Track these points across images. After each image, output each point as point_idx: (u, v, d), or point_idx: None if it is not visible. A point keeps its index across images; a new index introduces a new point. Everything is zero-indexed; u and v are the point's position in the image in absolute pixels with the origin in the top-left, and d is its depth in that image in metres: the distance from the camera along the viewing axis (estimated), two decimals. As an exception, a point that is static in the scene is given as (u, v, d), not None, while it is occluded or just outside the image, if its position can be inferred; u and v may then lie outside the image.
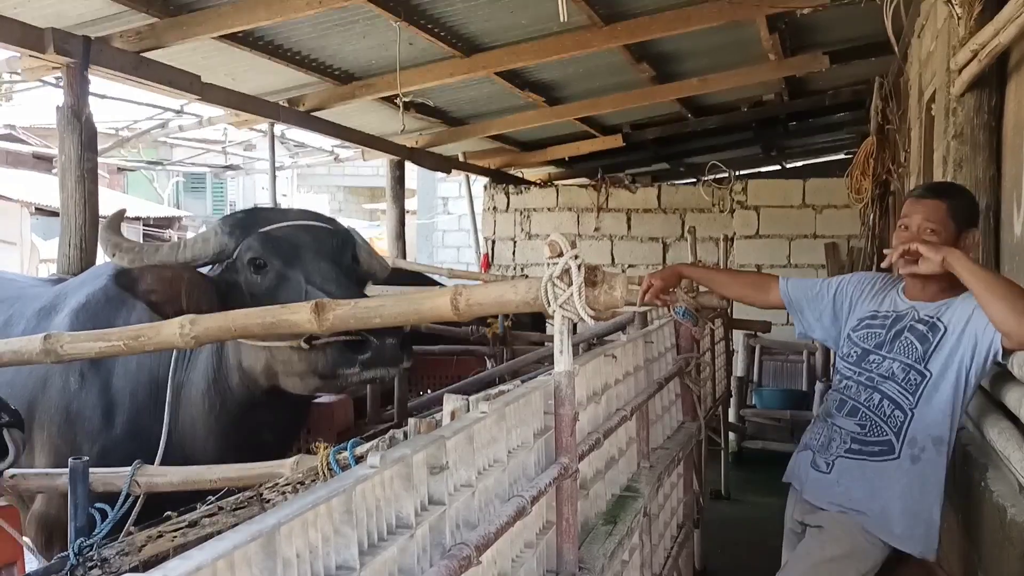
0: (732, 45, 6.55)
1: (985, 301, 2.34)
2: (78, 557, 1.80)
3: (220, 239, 2.60)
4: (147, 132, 9.51)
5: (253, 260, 2.55)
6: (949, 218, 2.56)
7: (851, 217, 8.76)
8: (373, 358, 2.34)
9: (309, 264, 2.56)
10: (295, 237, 2.61)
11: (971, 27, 3.24)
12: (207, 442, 2.64)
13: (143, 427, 2.68)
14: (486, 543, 1.27)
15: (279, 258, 2.56)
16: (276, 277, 2.54)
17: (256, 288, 2.55)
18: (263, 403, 2.63)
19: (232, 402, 2.63)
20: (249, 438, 2.67)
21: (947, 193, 2.66)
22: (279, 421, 2.74)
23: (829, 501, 2.63)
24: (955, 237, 2.55)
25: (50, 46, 4.09)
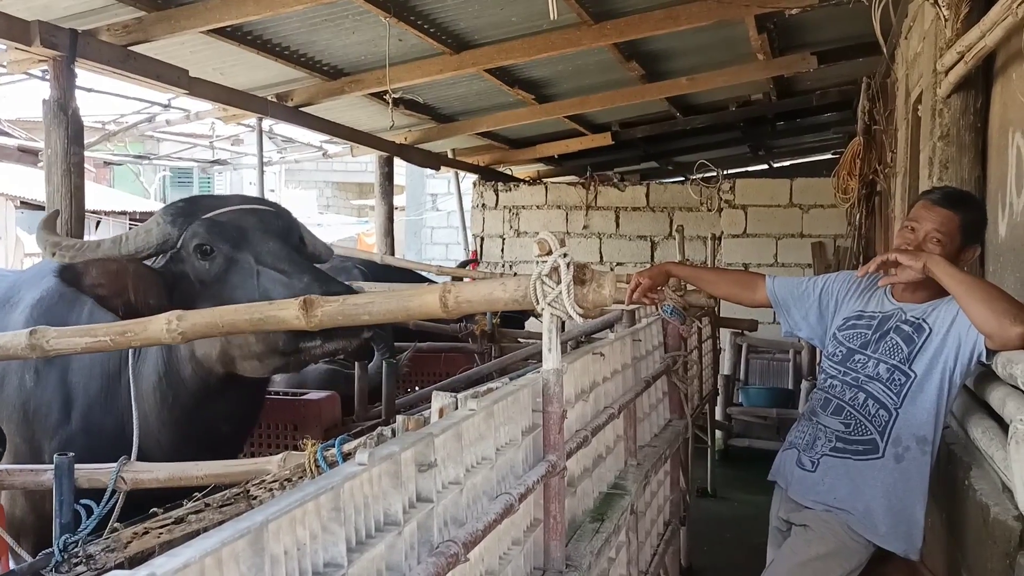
0: (721, 44, 6.57)
1: (966, 304, 2.36)
2: (63, 553, 1.79)
3: (163, 229, 2.55)
4: (134, 126, 9.45)
5: (199, 247, 2.50)
6: (959, 231, 2.55)
7: (838, 217, 8.81)
8: (334, 329, 2.29)
9: (258, 245, 2.52)
10: (240, 220, 2.57)
11: (958, 29, 3.26)
12: (160, 435, 2.58)
13: (95, 422, 2.65)
14: (474, 540, 1.27)
15: (226, 242, 2.51)
16: (225, 261, 2.50)
17: (204, 275, 2.51)
18: (217, 392, 2.58)
19: (185, 394, 2.58)
20: (203, 430, 2.62)
21: (962, 205, 2.62)
22: (234, 412, 2.69)
23: (814, 499, 2.64)
24: (959, 251, 2.56)
25: (36, 39, 4.06)
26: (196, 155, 13.60)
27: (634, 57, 6.51)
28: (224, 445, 2.65)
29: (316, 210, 21.58)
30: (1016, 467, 1.91)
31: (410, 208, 17.05)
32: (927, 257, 2.42)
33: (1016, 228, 3.04)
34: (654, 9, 5.46)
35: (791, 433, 2.87)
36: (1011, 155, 3.09)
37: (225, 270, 2.50)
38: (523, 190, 10.47)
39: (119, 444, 2.47)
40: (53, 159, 4.25)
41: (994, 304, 2.30)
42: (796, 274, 8.83)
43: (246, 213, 2.62)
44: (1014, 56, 3.05)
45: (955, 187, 3.26)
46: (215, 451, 2.42)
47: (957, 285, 2.38)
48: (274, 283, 2.44)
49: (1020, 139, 2.98)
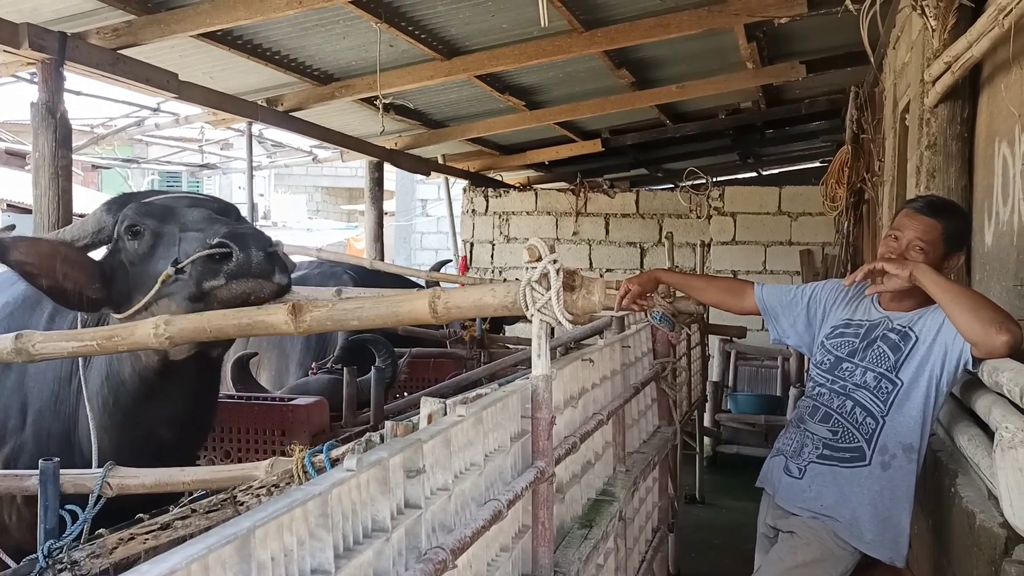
0: (710, 53, 6.61)
1: (952, 312, 2.38)
2: (47, 559, 1.77)
3: (98, 218, 2.56)
4: (123, 130, 9.41)
5: (130, 228, 2.49)
6: (941, 240, 2.56)
7: (826, 224, 8.85)
8: (237, 268, 2.28)
9: (183, 216, 2.50)
10: (172, 202, 2.57)
11: (945, 40, 3.29)
12: (102, 441, 2.54)
13: (44, 427, 2.62)
14: (462, 547, 1.27)
15: (153, 218, 2.49)
16: (152, 237, 2.47)
17: (134, 255, 2.49)
18: (158, 390, 2.54)
19: (125, 395, 2.54)
20: (145, 436, 2.57)
21: (945, 213, 2.64)
22: (176, 414, 2.63)
23: (801, 506, 2.65)
24: (942, 259, 2.57)
25: (25, 41, 4.04)
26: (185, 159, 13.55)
27: (624, 65, 6.53)
28: (169, 453, 2.56)
29: (306, 215, 21.53)
30: (1001, 474, 1.92)
31: (400, 213, 17.04)
32: (913, 266, 2.44)
33: (1002, 237, 3.06)
34: (644, 17, 5.48)
35: (779, 440, 2.88)
36: (997, 164, 3.12)
37: (152, 246, 2.47)
38: (513, 196, 10.48)
39: (66, 450, 2.45)
40: (41, 162, 4.23)
41: (980, 312, 2.32)
42: (785, 281, 8.89)
43: (179, 197, 2.63)
44: (1000, 67, 3.07)
45: (938, 196, 3.28)
46: (160, 459, 2.35)
47: (943, 294, 2.39)
48: (191, 242, 2.40)
49: (1006, 149, 3.01)
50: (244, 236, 2.32)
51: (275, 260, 2.34)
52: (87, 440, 2.56)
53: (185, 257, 2.35)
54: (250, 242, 2.31)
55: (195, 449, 2.88)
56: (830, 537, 2.57)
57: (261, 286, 2.33)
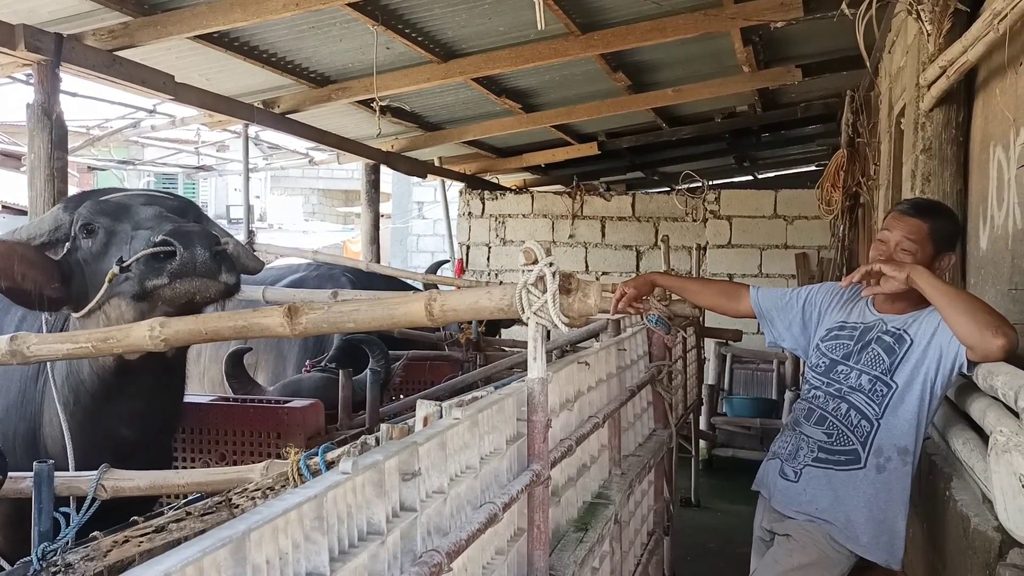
0: (707, 57, 6.62)
1: (949, 315, 2.38)
2: (41, 562, 1.77)
3: (55, 216, 2.53)
4: (119, 131, 9.39)
5: (84, 226, 2.47)
6: (929, 239, 2.57)
7: (821, 228, 8.87)
8: (181, 267, 2.23)
9: (136, 215, 2.46)
10: (127, 200, 2.53)
11: (940, 44, 3.30)
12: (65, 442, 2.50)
13: (10, 427, 2.60)
14: (457, 550, 1.26)
15: (107, 216, 2.46)
16: (106, 235, 2.44)
17: (88, 254, 2.46)
18: (117, 390, 2.51)
19: (85, 395, 2.52)
20: (107, 435, 2.54)
21: (931, 214, 2.66)
22: (137, 414, 2.59)
23: (796, 510, 2.65)
24: (931, 258, 2.57)
25: (21, 43, 4.03)
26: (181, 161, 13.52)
27: (621, 68, 6.54)
28: (135, 453, 2.52)
29: (302, 217, 21.51)
30: (996, 478, 1.92)
31: (396, 216, 17.03)
32: (911, 268, 2.44)
33: (997, 241, 3.07)
34: (641, 21, 5.49)
35: (775, 443, 2.88)
36: (992, 169, 3.13)
37: (105, 244, 2.45)
38: (509, 199, 10.49)
39: (31, 451, 2.44)
40: (36, 164, 4.22)
41: (977, 316, 2.32)
42: (780, 285, 8.90)
43: (135, 195, 2.59)
44: (995, 71, 3.08)
45: (925, 197, 3.29)
46: (126, 460, 2.30)
47: (941, 296, 2.40)
48: (139, 240, 2.36)
49: (1001, 153, 3.02)
50: (189, 234, 2.27)
51: (222, 259, 2.29)
52: (52, 440, 2.55)
53: (132, 255, 2.31)
54: (195, 240, 2.25)
55: (162, 449, 2.82)
56: (826, 540, 2.57)
57: (206, 285, 2.29)
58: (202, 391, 4.11)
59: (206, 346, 4.29)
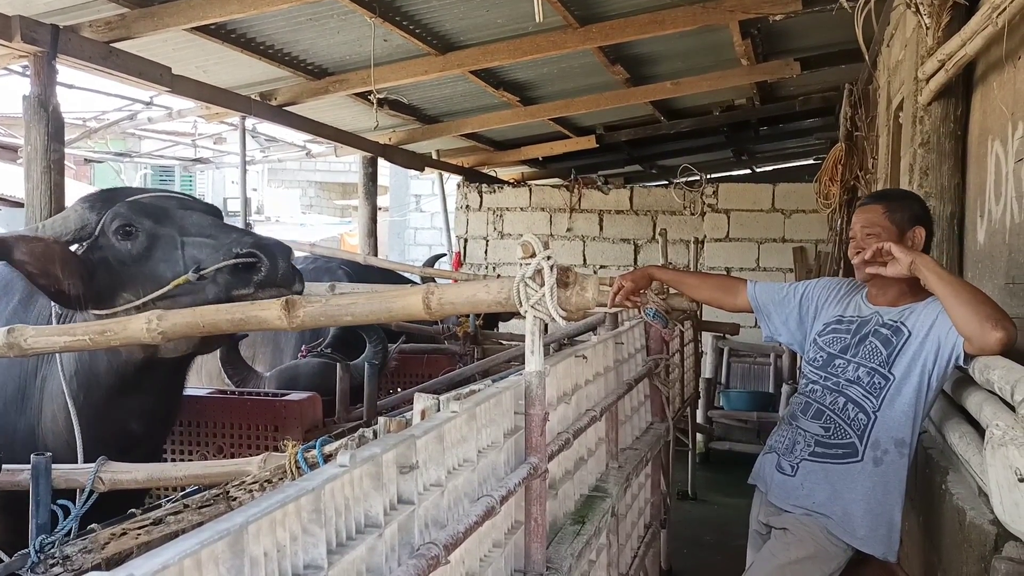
0: (705, 50, 6.61)
1: (950, 305, 2.39)
2: (39, 554, 1.77)
3: (81, 215, 2.56)
4: (115, 123, 9.36)
5: (121, 227, 2.52)
6: (887, 220, 2.63)
7: (819, 222, 8.87)
8: (266, 278, 2.37)
9: (180, 220, 2.54)
10: (162, 201, 2.61)
11: (939, 38, 3.29)
12: (70, 437, 2.53)
13: (8, 422, 2.62)
14: (455, 543, 1.27)
15: (148, 218, 2.52)
16: (148, 238, 2.51)
17: (126, 255, 2.51)
18: (133, 386, 2.57)
19: (98, 390, 2.55)
20: (115, 430, 2.59)
21: (884, 197, 2.79)
22: (148, 408, 2.67)
23: (793, 504, 2.66)
24: (898, 236, 2.61)
25: (17, 34, 4.01)
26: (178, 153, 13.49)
27: (619, 61, 6.53)
28: (137, 447, 2.60)
29: (299, 210, 21.49)
30: (992, 472, 1.93)
31: (394, 209, 17.01)
32: (917, 255, 2.45)
33: (994, 235, 3.07)
34: (639, 13, 5.48)
35: (771, 437, 2.89)
36: (990, 163, 3.13)
37: (148, 246, 2.51)
38: (507, 192, 10.48)
39: (30, 446, 2.44)
40: (33, 156, 4.21)
41: (978, 307, 2.33)
42: (778, 279, 8.92)
43: (166, 197, 2.67)
44: (994, 65, 3.08)
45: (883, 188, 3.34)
46: (127, 454, 2.36)
47: (945, 285, 2.40)
48: (201, 247, 2.47)
49: (999, 147, 3.02)
50: (270, 247, 2.44)
51: (295, 270, 2.46)
52: (53, 434, 2.56)
53: (192, 262, 2.42)
54: (276, 253, 2.42)
55: (161, 442, 2.90)
56: (823, 534, 2.58)
57: (283, 294, 2.41)
58: (199, 384, 4.11)
59: (203, 340, 4.28)
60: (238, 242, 2.45)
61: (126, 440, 2.59)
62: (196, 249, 2.47)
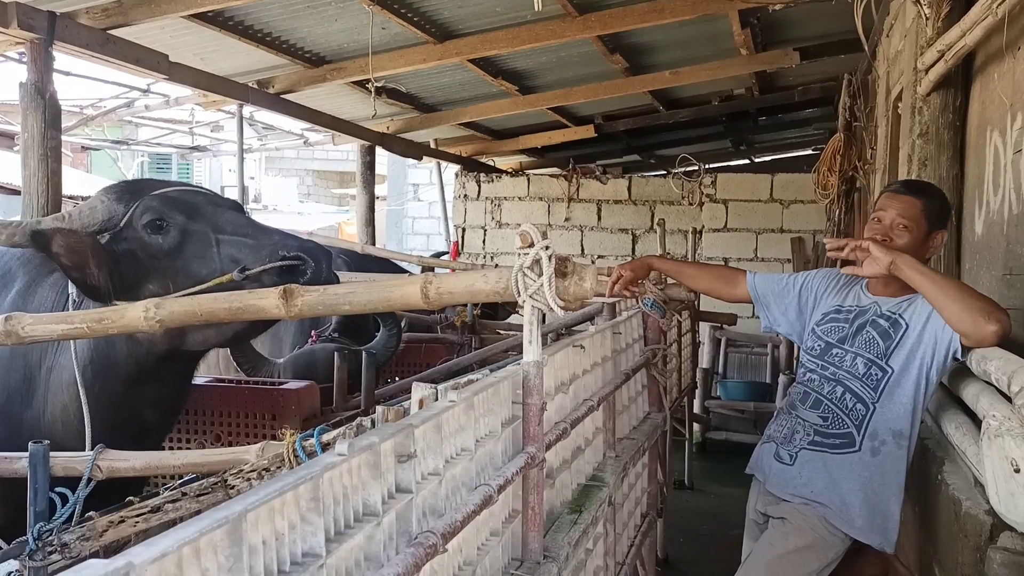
0: (704, 39, 6.59)
1: (938, 304, 2.38)
2: (37, 542, 1.77)
3: (108, 206, 2.56)
4: (112, 111, 9.33)
5: (152, 221, 2.53)
6: (923, 217, 2.59)
7: (817, 212, 8.87)
8: (311, 280, 2.41)
9: (213, 217, 2.58)
10: (191, 196, 2.63)
11: (938, 28, 3.28)
12: (81, 427, 2.52)
13: (13, 414, 2.61)
14: (452, 531, 1.27)
15: (181, 213, 2.55)
16: (180, 233, 2.53)
17: (157, 249, 2.53)
18: (152, 375, 2.58)
19: (115, 379, 2.55)
20: (129, 419, 2.60)
21: (924, 192, 2.69)
22: (163, 397, 2.69)
23: (791, 493, 2.67)
24: (925, 236, 2.59)
25: (14, 21, 3.99)
26: (175, 141, 13.45)
27: (618, 50, 6.51)
28: (148, 434, 2.64)
29: (296, 198, 21.43)
30: (988, 462, 1.94)
31: (391, 198, 16.97)
32: (896, 255, 2.43)
33: (992, 226, 3.07)
34: (638, 2, 5.46)
35: (770, 427, 2.89)
36: (989, 154, 3.13)
37: (180, 242, 2.53)
38: (505, 181, 10.46)
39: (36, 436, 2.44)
40: (30, 143, 4.19)
41: (967, 302, 2.32)
42: (776, 269, 8.92)
43: (193, 192, 2.70)
44: (993, 56, 3.07)
45: (916, 179, 3.30)
46: (138, 442, 2.39)
47: (928, 284, 2.40)
48: (240, 247, 2.50)
49: (998, 138, 3.01)
50: (315, 251, 2.52)
51: (334, 274, 2.56)
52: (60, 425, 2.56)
53: (229, 260, 2.48)
54: (320, 257, 2.50)
55: (169, 430, 2.93)
56: (821, 523, 2.59)
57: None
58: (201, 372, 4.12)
59: (201, 328, 4.28)
60: (283, 245, 2.51)
61: (139, 429, 2.61)
62: (234, 248, 2.51)
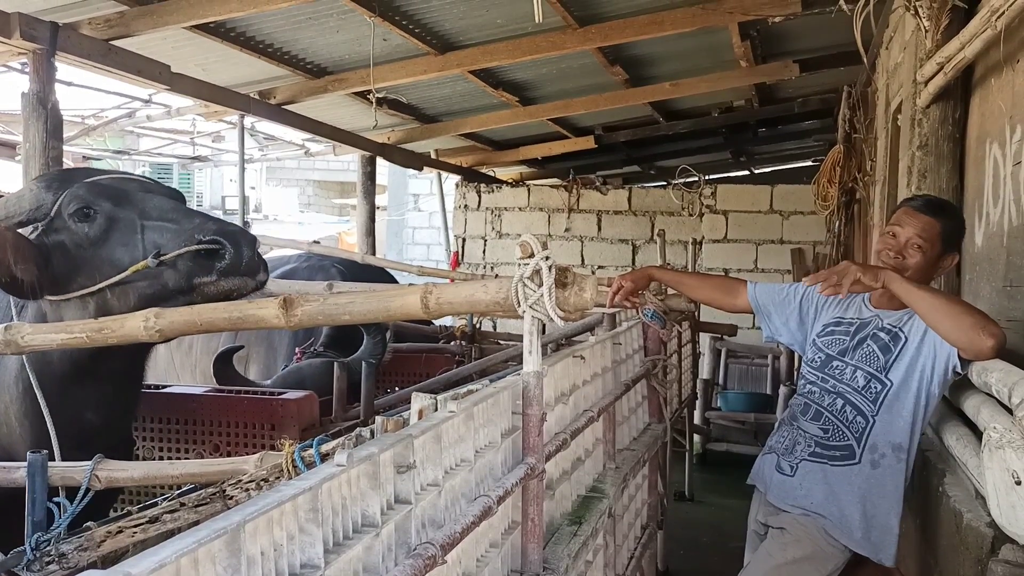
0: (704, 51, 6.61)
1: (932, 321, 2.38)
2: (35, 552, 1.76)
3: (36, 195, 2.46)
4: (114, 121, 9.34)
5: (79, 210, 2.42)
6: (939, 239, 2.59)
7: (817, 223, 8.88)
8: (231, 265, 2.33)
9: (141, 203, 2.46)
10: (122, 184, 2.53)
11: (938, 40, 3.29)
12: (23, 429, 2.45)
13: None
14: (451, 543, 1.27)
15: (108, 200, 2.43)
16: (106, 221, 2.42)
17: (82, 238, 2.42)
18: (88, 373, 2.47)
19: (51, 378, 2.44)
20: (70, 421, 2.48)
21: (943, 213, 2.67)
22: (105, 397, 2.56)
23: (791, 504, 2.66)
24: (937, 257, 2.60)
25: (16, 31, 4.00)
26: (176, 151, 13.46)
27: (618, 61, 6.53)
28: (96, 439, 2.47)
29: (297, 208, 21.47)
30: (989, 474, 1.93)
31: (392, 208, 17.00)
32: (884, 275, 2.41)
33: (992, 238, 3.08)
34: (638, 14, 5.48)
35: (771, 438, 2.89)
36: (988, 166, 3.13)
37: (106, 230, 2.42)
38: (505, 192, 10.47)
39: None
40: (31, 153, 4.20)
41: (960, 319, 2.31)
42: (775, 280, 8.92)
43: (127, 179, 2.60)
44: (992, 68, 3.08)
45: (935, 195, 3.30)
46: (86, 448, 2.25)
47: (920, 303, 2.39)
48: (162, 232, 2.39)
49: (997, 150, 3.02)
50: (235, 234, 2.38)
51: (260, 258, 2.42)
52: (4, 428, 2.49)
53: (153, 247, 2.35)
54: (241, 241, 2.37)
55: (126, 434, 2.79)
56: (820, 535, 2.58)
57: (246, 283, 2.39)
58: (193, 383, 4.10)
59: (197, 338, 4.27)
60: (201, 228, 2.37)
61: (83, 432, 2.49)
62: (157, 234, 2.39)
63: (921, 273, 2.56)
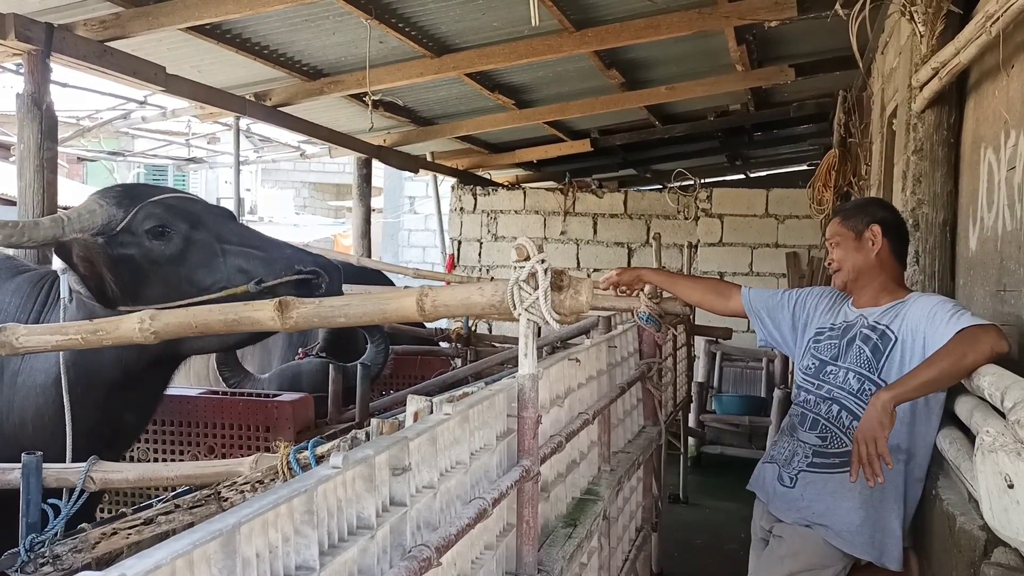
0: (700, 55, 6.63)
1: (949, 383, 2.35)
2: (29, 553, 1.76)
3: (107, 210, 2.58)
4: (109, 122, 9.33)
5: (156, 228, 2.56)
6: (843, 227, 2.78)
7: (812, 228, 8.90)
8: (327, 293, 2.47)
9: (216, 227, 2.62)
10: (190, 205, 2.67)
11: (933, 45, 3.31)
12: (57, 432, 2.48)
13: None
14: (446, 545, 1.27)
15: (184, 222, 2.58)
16: (183, 241, 2.57)
17: (159, 255, 2.55)
18: (136, 379, 2.58)
19: (99, 382, 2.53)
20: (109, 421, 2.59)
21: (840, 210, 2.98)
22: (144, 400, 2.71)
23: (794, 516, 2.67)
24: (856, 240, 2.72)
25: (11, 32, 4.00)
26: (172, 153, 13.44)
27: (614, 65, 6.54)
28: (122, 437, 2.66)
29: (293, 210, 21.44)
30: (982, 478, 1.94)
31: (388, 210, 16.98)
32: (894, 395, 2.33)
33: (986, 243, 3.09)
34: (635, 18, 5.49)
35: (773, 447, 2.90)
36: (983, 170, 3.14)
37: (183, 250, 2.57)
38: (501, 195, 10.48)
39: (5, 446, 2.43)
40: (26, 154, 4.19)
41: (962, 363, 2.26)
42: (771, 284, 8.94)
43: (191, 200, 2.74)
44: (987, 73, 3.10)
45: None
46: (111, 445, 2.41)
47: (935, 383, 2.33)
48: (248, 259, 2.55)
49: (992, 155, 3.03)
50: (330, 267, 2.61)
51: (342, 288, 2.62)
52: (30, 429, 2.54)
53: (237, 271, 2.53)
54: (334, 273, 2.58)
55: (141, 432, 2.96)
56: (821, 545, 2.58)
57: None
58: (187, 384, 4.10)
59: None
60: (298, 259, 2.58)
61: (116, 432, 2.63)
62: (242, 259, 2.55)
63: (854, 259, 2.72)
